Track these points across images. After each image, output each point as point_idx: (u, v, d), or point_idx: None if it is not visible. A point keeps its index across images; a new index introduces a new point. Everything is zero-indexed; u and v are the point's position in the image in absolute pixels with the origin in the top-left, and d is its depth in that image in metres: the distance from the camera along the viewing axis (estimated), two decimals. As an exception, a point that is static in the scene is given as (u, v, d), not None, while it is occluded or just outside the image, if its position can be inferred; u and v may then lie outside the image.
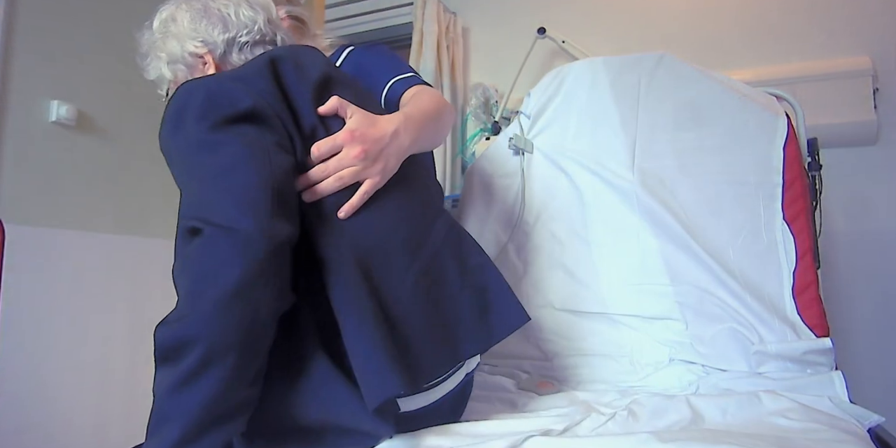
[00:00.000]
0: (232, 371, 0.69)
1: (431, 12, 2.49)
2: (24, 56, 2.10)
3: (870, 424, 0.92)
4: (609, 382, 1.26)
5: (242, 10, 1.03)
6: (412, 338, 0.82)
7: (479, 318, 0.92)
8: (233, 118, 0.77)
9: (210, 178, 0.74)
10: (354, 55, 1.34)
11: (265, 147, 0.77)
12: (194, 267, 0.70)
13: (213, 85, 0.82)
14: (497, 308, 0.95)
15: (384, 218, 0.87)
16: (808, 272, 1.28)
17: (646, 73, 1.58)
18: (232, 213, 0.70)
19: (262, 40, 1.04)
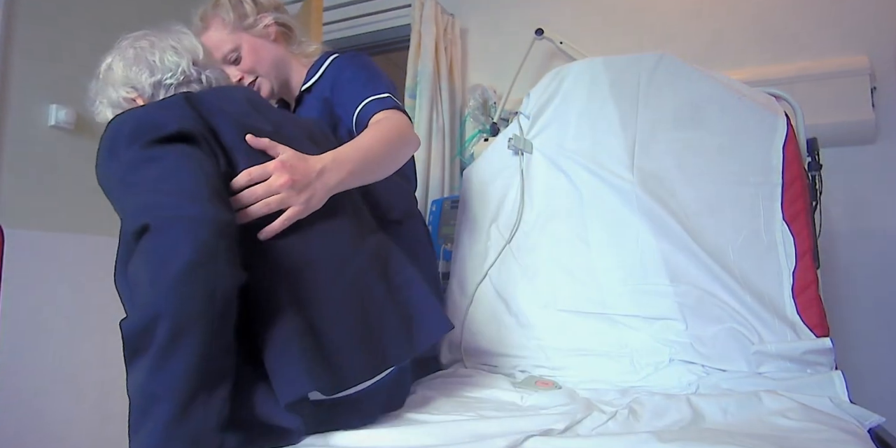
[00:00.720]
0: (203, 338, 0.72)
1: (429, 14, 2.49)
2: (23, 60, 2.10)
3: (870, 425, 0.92)
4: (609, 382, 1.26)
5: (167, 55, 1.12)
6: (336, 346, 0.87)
7: (403, 329, 0.98)
8: (163, 139, 0.85)
9: (151, 185, 0.81)
10: (335, 66, 1.38)
11: (198, 157, 0.86)
12: (150, 256, 0.75)
13: (141, 114, 0.92)
14: (419, 319, 1.01)
15: (307, 242, 0.94)
16: (808, 272, 1.28)
17: (645, 73, 1.58)
18: (178, 203, 0.77)
19: (186, 81, 1.13)
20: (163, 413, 0.70)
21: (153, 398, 0.71)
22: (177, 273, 0.72)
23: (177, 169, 0.82)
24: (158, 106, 0.95)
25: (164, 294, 0.72)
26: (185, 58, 1.14)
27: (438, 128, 2.44)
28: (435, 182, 2.39)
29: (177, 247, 0.74)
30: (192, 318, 0.72)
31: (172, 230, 0.75)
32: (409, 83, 2.49)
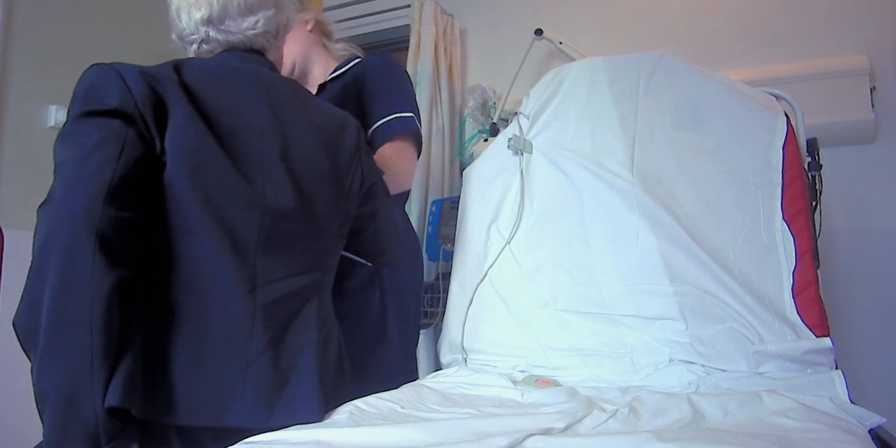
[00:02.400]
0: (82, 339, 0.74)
1: (429, 14, 2.49)
2: (23, 61, 2.10)
3: (871, 425, 0.92)
4: (609, 382, 1.25)
5: (184, 11, 1.04)
6: (169, 376, 0.84)
7: (264, 394, 0.89)
8: (98, 112, 0.84)
9: (61, 169, 0.81)
10: (364, 64, 1.38)
11: (122, 141, 0.82)
12: (32, 250, 0.78)
13: (100, 74, 0.90)
14: (292, 393, 0.91)
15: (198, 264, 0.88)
16: (808, 272, 1.28)
17: (645, 73, 1.58)
18: (64, 196, 0.78)
19: (205, 39, 1.05)
20: (54, 408, 0.73)
21: (44, 394, 0.75)
22: (51, 273, 0.74)
23: (89, 155, 0.80)
24: (123, 72, 0.89)
25: (40, 295, 0.74)
26: (197, 12, 1.02)
27: (438, 128, 2.44)
28: (435, 182, 2.39)
29: (48, 244, 0.76)
30: (68, 321, 0.73)
31: (45, 225, 0.77)
32: (408, 83, 2.49)
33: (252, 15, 1.03)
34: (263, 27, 1.05)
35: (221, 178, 0.90)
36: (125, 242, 0.80)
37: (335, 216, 1.01)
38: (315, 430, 0.86)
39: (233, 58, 1.03)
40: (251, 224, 0.91)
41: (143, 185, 0.84)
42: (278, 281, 0.93)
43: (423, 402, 1.08)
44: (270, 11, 1.06)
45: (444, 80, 2.49)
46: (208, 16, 1.01)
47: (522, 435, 0.81)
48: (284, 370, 0.91)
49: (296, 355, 0.92)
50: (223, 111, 0.92)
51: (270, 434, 0.85)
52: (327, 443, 0.81)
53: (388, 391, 1.12)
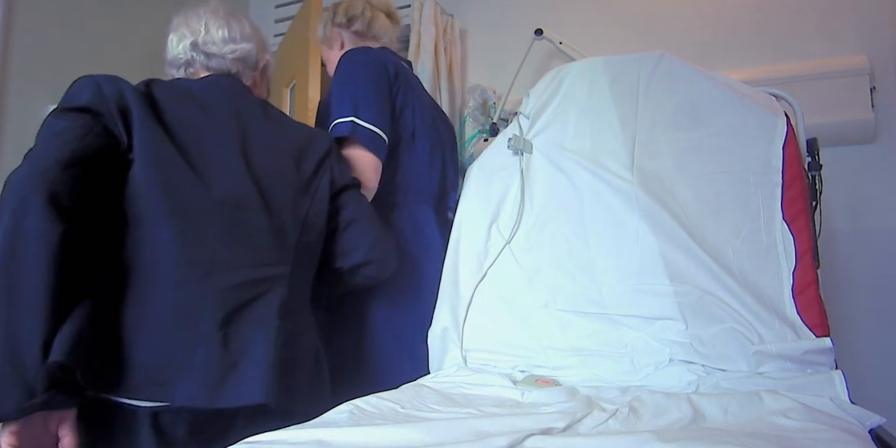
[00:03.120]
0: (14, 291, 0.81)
1: (429, 14, 2.49)
2: (23, 60, 2.10)
3: (871, 425, 0.92)
4: (609, 382, 1.25)
5: (174, 35, 1.20)
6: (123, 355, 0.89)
7: (212, 373, 0.92)
8: (71, 108, 0.96)
9: (39, 140, 0.93)
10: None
11: (89, 127, 0.94)
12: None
13: (83, 85, 1.00)
14: (241, 375, 0.94)
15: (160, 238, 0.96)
16: (808, 272, 1.28)
17: (645, 72, 1.58)
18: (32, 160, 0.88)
19: (188, 62, 1.20)
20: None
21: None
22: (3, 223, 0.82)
23: (56, 135, 0.92)
24: (99, 79, 1.01)
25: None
26: (186, 39, 1.17)
27: (438, 128, 2.44)
28: (434, 182, 2.39)
29: (4, 200, 0.84)
30: (15, 266, 0.80)
31: (6, 186, 0.86)
32: (408, 83, 2.49)
33: (233, 44, 1.19)
34: (241, 55, 1.20)
35: (181, 174, 0.99)
36: (76, 204, 0.87)
37: (300, 216, 1.08)
38: (315, 429, 0.86)
39: (212, 79, 1.17)
40: (210, 215, 0.99)
41: (104, 169, 0.93)
42: (238, 268, 0.99)
43: (424, 402, 1.08)
44: (250, 45, 1.22)
45: (443, 79, 2.49)
46: (195, 40, 1.17)
47: (522, 435, 0.81)
48: (234, 353, 0.94)
49: (248, 340, 0.95)
50: (185, 120, 1.04)
51: (270, 434, 0.85)
52: (327, 442, 0.81)
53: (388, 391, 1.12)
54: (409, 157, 1.39)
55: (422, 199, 1.42)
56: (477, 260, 1.55)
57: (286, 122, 1.20)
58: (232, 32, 1.19)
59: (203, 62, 1.18)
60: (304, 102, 2.21)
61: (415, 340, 1.40)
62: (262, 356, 0.96)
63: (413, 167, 1.40)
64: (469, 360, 1.42)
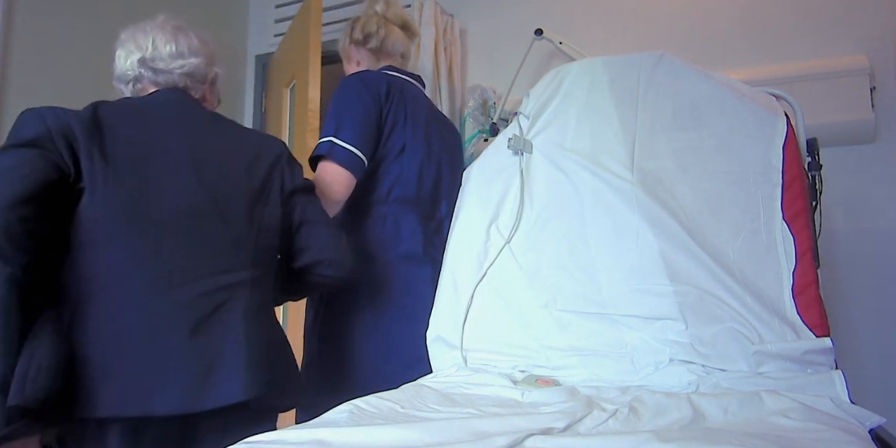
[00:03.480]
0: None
1: (429, 14, 2.49)
2: (23, 61, 2.10)
3: (871, 425, 0.92)
4: (609, 382, 1.25)
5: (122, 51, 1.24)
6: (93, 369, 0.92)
7: (189, 381, 0.97)
8: (18, 144, 0.97)
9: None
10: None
11: (35, 162, 0.95)
12: None
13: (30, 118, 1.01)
14: (218, 378, 0.98)
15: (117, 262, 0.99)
16: (808, 272, 1.28)
17: (645, 72, 1.58)
18: None
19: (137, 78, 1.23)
20: None
21: None
22: None
23: (9, 169, 0.93)
24: (43, 112, 1.02)
25: None
26: (133, 55, 1.19)
27: (438, 128, 2.44)
28: (434, 182, 2.39)
29: None
30: None
31: None
32: (408, 83, 2.49)
33: (182, 59, 1.20)
34: (190, 70, 1.21)
35: (130, 195, 1.02)
36: (25, 244, 0.89)
37: (257, 221, 1.12)
38: (315, 429, 0.86)
39: (160, 95, 1.18)
40: (164, 231, 1.02)
41: (54, 202, 0.96)
42: (199, 279, 1.02)
43: (424, 402, 1.08)
44: (199, 59, 1.22)
45: (444, 79, 2.49)
46: (142, 57, 1.18)
47: (522, 435, 0.81)
48: (208, 360, 0.98)
49: (219, 346, 1.00)
50: (133, 141, 1.06)
51: (270, 434, 0.85)
52: (327, 442, 0.81)
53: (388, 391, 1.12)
54: (398, 169, 1.47)
55: (408, 210, 1.48)
56: (477, 260, 1.55)
57: (237, 131, 1.23)
58: (179, 47, 1.21)
59: (151, 78, 1.20)
60: (304, 102, 2.21)
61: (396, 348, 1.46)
62: (236, 358, 1.00)
63: (402, 179, 1.47)
64: (469, 360, 1.42)
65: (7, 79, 2.05)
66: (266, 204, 1.14)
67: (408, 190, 1.50)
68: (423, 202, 1.53)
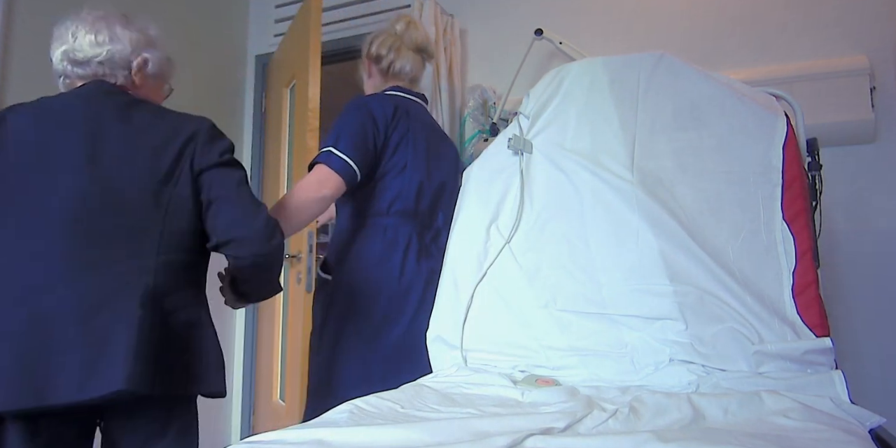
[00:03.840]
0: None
1: (429, 14, 2.49)
2: (23, 60, 2.10)
3: (871, 425, 0.92)
4: (609, 382, 1.25)
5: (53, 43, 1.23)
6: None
7: (76, 371, 0.98)
8: None
9: None
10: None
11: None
12: None
13: None
14: (104, 366, 0.98)
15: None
16: (808, 272, 1.28)
17: (645, 72, 1.58)
18: None
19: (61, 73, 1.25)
20: None
21: None
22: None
23: None
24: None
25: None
26: (58, 49, 1.19)
27: (438, 128, 2.45)
28: (435, 182, 2.39)
29: None
30: None
31: None
32: (408, 83, 2.49)
33: (99, 47, 1.18)
34: (107, 56, 1.19)
35: (12, 195, 1.06)
36: None
37: (163, 205, 1.11)
38: (315, 429, 0.86)
39: (79, 89, 1.19)
40: (51, 227, 1.05)
41: None
42: (88, 270, 1.04)
43: (424, 402, 1.08)
44: (119, 46, 1.21)
45: (444, 79, 2.49)
46: (65, 49, 1.18)
47: (522, 435, 0.81)
48: (95, 349, 0.99)
49: (107, 335, 1.00)
50: (32, 142, 1.09)
51: (270, 434, 0.85)
52: (327, 442, 0.81)
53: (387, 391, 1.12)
54: (399, 185, 1.56)
55: (407, 222, 1.56)
56: (477, 260, 1.55)
57: (151, 117, 1.19)
58: (100, 36, 1.19)
59: (75, 72, 1.20)
60: (304, 102, 2.21)
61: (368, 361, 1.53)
62: (124, 346, 1.00)
63: (402, 194, 1.56)
64: (469, 360, 1.42)
65: (7, 79, 2.05)
66: (175, 186, 1.13)
67: (408, 204, 1.58)
68: (422, 215, 1.61)
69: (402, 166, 1.56)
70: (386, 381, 1.29)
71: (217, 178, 1.16)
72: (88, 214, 1.07)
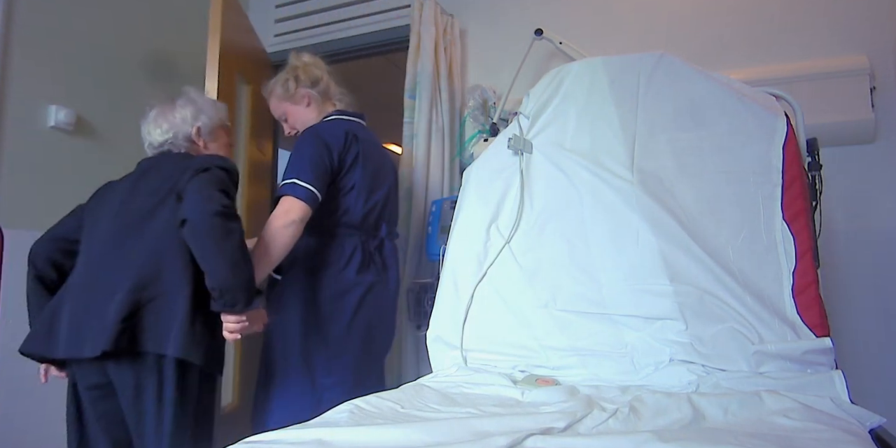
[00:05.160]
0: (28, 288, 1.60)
1: (429, 14, 2.49)
2: (23, 61, 2.10)
3: (871, 425, 0.92)
4: (609, 382, 1.26)
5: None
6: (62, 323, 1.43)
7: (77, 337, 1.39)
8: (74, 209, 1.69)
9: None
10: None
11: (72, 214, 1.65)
12: None
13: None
14: (88, 330, 1.37)
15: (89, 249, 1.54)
16: (808, 272, 1.28)
17: (645, 72, 1.58)
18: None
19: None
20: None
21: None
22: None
23: (62, 220, 1.66)
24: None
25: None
26: (145, 141, 1.69)
27: (438, 128, 2.44)
28: (435, 182, 2.39)
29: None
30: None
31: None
32: (408, 84, 2.49)
33: (164, 135, 1.64)
34: (173, 136, 1.64)
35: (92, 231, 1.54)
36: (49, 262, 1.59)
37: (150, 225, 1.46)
38: (315, 429, 0.86)
39: (149, 159, 1.66)
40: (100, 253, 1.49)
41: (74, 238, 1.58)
42: (111, 274, 1.42)
43: (424, 402, 1.08)
44: (176, 130, 1.64)
45: (443, 80, 2.49)
46: (148, 143, 1.67)
47: (522, 435, 0.81)
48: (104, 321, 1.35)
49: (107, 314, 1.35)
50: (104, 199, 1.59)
51: (270, 434, 0.85)
52: (328, 442, 0.81)
53: (388, 391, 1.12)
54: (347, 203, 1.75)
55: (353, 232, 1.76)
56: (477, 260, 1.55)
57: (168, 167, 1.56)
58: (163, 127, 1.64)
59: (155, 150, 1.67)
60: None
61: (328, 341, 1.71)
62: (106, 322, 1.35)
63: (350, 210, 1.75)
64: (469, 360, 1.42)
65: (7, 79, 2.05)
66: (163, 210, 1.46)
67: (354, 218, 1.76)
68: (367, 227, 1.80)
69: (351, 187, 1.75)
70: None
71: (188, 186, 1.43)
72: (115, 244, 1.47)
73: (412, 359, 2.30)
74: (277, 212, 1.59)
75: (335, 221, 1.75)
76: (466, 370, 1.35)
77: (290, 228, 1.57)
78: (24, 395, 1.96)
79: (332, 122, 1.84)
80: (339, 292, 1.71)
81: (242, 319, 1.41)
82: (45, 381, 1.58)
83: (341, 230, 1.75)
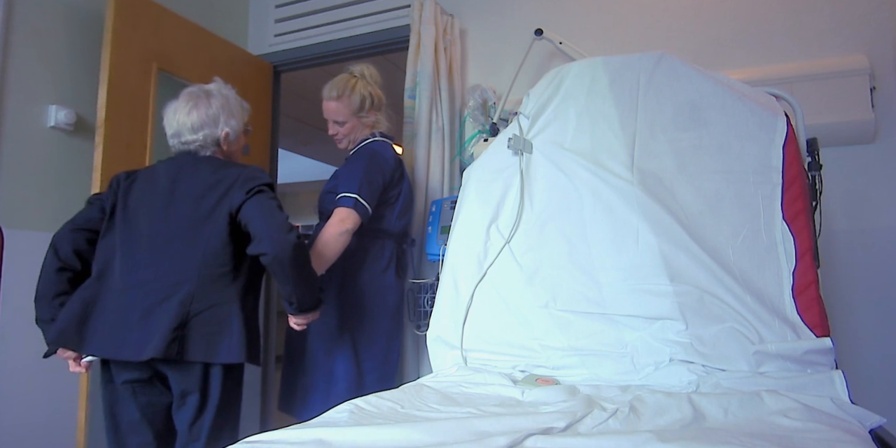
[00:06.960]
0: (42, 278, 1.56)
1: (429, 14, 2.49)
2: (23, 61, 2.10)
3: (871, 425, 0.92)
4: (609, 382, 1.26)
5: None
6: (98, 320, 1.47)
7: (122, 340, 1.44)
8: (94, 196, 1.69)
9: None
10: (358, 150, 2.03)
11: (93, 206, 1.64)
12: None
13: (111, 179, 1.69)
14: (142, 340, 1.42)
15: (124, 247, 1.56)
16: (809, 272, 1.28)
17: (645, 72, 1.58)
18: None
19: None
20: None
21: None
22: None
23: (82, 211, 1.64)
24: (114, 181, 1.66)
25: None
26: (169, 130, 1.64)
27: (438, 128, 2.44)
28: (435, 182, 2.39)
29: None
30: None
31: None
32: (408, 84, 2.48)
33: (196, 133, 1.62)
34: (203, 139, 1.63)
35: (126, 228, 1.55)
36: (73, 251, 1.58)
37: (203, 236, 1.50)
38: (315, 429, 0.86)
39: (176, 159, 1.65)
40: (140, 249, 1.52)
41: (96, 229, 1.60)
42: (156, 280, 1.47)
43: (424, 402, 1.08)
44: (208, 130, 1.64)
45: (443, 80, 2.48)
46: (173, 132, 1.64)
47: (522, 434, 0.81)
48: (149, 329, 1.42)
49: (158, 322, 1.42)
50: (139, 196, 1.58)
51: (270, 434, 0.85)
52: (328, 442, 0.81)
53: (388, 391, 1.12)
54: (388, 214, 1.99)
55: (392, 237, 2.02)
56: (477, 260, 1.55)
57: (206, 174, 1.59)
58: (194, 123, 1.63)
59: (178, 147, 1.66)
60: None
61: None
62: (158, 330, 1.41)
63: (390, 220, 2.00)
64: (469, 359, 1.42)
65: (7, 79, 2.05)
66: (213, 224, 1.50)
67: (394, 228, 2.01)
68: (399, 234, 2.06)
69: (395, 199, 2.01)
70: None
71: (250, 208, 1.50)
72: (158, 243, 1.51)
73: (412, 359, 2.30)
74: (334, 220, 1.79)
75: (383, 229, 1.99)
76: (466, 370, 1.35)
77: (343, 236, 1.78)
78: (24, 394, 1.96)
79: (384, 144, 2.05)
80: (379, 290, 1.95)
81: (309, 317, 1.60)
82: (84, 369, 1.58)
83: (386, 237, 2.00)
